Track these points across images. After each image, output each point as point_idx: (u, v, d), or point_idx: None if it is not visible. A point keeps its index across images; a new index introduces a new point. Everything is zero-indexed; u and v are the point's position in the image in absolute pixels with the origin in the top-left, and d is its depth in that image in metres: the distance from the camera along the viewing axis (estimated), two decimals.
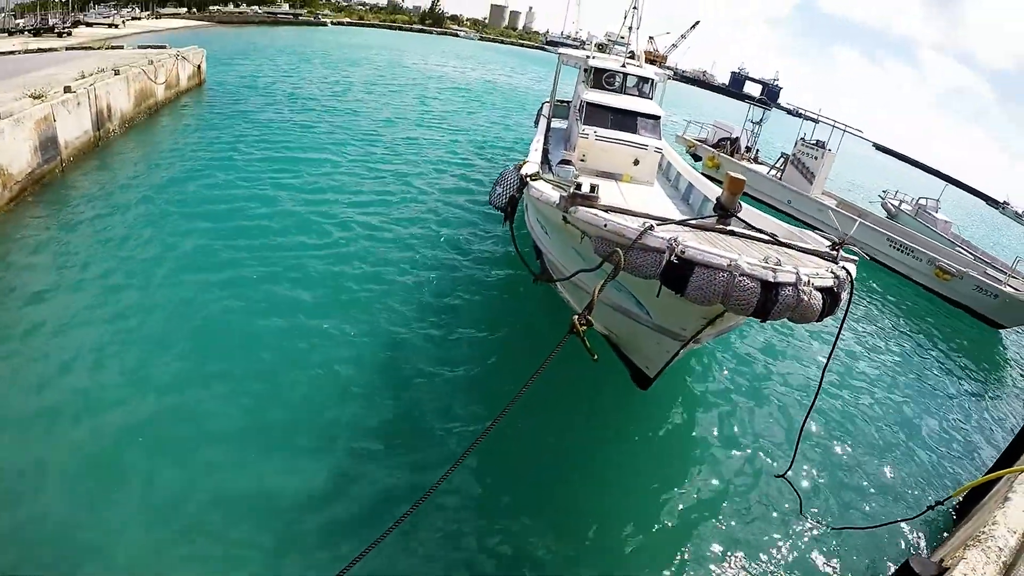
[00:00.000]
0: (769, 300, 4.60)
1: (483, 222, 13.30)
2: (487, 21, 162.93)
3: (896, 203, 29.82)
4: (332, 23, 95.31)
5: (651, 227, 4.88)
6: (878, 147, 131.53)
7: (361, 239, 11.39)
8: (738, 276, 4.54)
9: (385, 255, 10.84)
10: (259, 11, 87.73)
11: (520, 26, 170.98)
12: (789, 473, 6.34)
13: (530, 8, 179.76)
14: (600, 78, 13.69)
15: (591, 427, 7.39)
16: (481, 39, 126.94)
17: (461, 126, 24.75)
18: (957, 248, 24.26)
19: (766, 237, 6.08)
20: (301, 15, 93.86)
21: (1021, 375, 14.79)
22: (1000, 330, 16.89)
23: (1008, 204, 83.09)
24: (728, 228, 6.10)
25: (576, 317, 4.33)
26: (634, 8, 18.01)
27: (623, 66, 13.92)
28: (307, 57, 41.47)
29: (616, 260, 4.71)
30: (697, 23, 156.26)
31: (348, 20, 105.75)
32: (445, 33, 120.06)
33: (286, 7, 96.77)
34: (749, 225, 7.52)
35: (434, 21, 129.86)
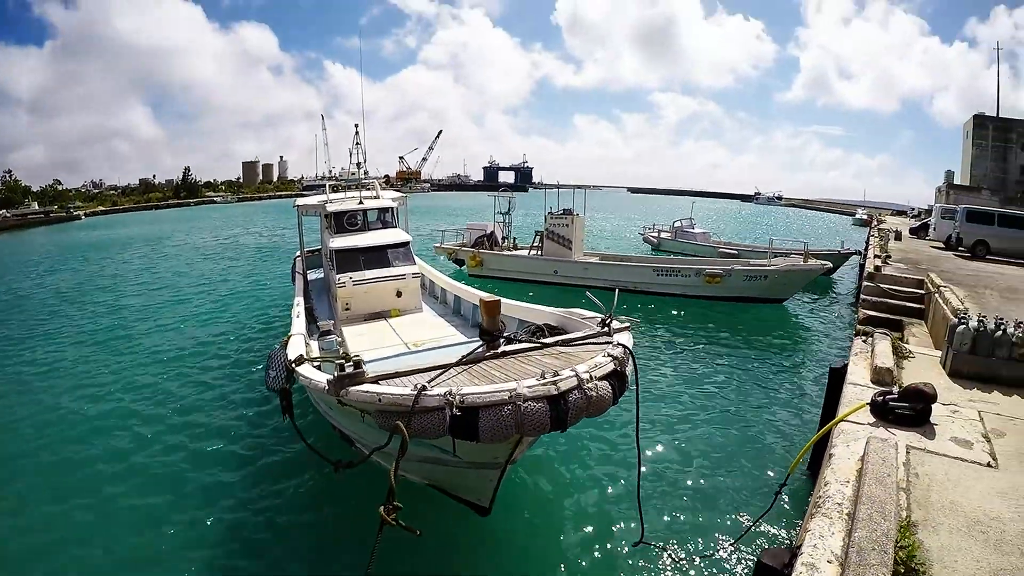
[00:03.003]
0: (560, 412, 4.87)
1: (268, 415, 11.55)
2: (241, 180, 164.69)
3: (656, 235, 34.78)
4: (85, 215, 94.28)
5: (424, 387, 4.93)
6: (632, 190, 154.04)
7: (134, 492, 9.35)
8: (523, 404, 4.75)
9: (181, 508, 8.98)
10: (7, 215, 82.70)
11: (275, 178, 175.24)
12: (645, 535, 6.52)
13: (281, 158, 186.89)
14: (341, 221, 14.08)
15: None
16: (240, 200, 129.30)
17: (231, 309, 22.67)
18: (721, 250, 28.79)
19: (538, 344, 6.59)
20: (52, 211, 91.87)
21: (818, 328, 17.66)
22: (782, 303, 20.02)
23: (760, 194, 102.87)
24: (499, 351, 6.41)
25: (382, 509, 4.31)
26: (357, 144, 19.31)
27: (360, 203, 14.52)
28: (57, 265, 35.76)
29: (400, 432, 4.68)
30: (440, 132, 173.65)
31: (103, 208, 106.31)
32: (202, 202, 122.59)
33: (35, 206, 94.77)
34: (520, 326, 8.27)
35: (188, 192, 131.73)
